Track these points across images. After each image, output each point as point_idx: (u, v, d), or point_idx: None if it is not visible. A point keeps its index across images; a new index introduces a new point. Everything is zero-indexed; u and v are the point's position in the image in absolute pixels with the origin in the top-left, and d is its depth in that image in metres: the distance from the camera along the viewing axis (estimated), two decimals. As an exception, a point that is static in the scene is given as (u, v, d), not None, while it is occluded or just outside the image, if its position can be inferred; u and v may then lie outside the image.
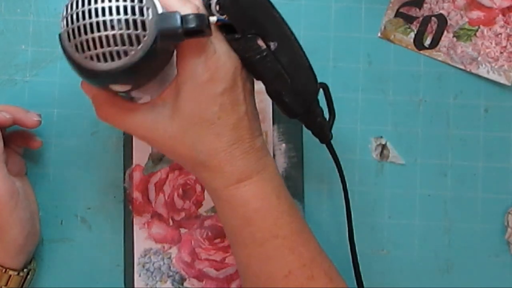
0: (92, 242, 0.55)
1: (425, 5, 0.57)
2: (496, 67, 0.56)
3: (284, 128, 0.56)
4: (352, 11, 0.57)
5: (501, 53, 0.56)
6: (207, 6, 0.42)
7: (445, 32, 0.56)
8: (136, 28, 0.38)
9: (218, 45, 0.42)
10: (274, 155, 0.55)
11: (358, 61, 0.56)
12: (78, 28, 0.37)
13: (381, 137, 0.56)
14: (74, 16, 0.38)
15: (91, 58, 0.38)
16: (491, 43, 0.56)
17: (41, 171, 0.55)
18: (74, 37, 0.38)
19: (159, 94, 0.43)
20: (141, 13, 0.38)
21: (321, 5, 0.57)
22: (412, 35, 0.57)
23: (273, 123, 0.56)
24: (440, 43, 0.56)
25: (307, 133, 0.55)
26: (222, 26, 0.42)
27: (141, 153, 0.55)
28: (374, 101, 0.56)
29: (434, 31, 0.56)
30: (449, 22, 0.56)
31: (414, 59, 0.56)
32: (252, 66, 0.44)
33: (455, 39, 0.56)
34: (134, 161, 0.56)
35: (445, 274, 0.55)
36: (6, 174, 0.49)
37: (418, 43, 0.57)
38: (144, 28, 0.38)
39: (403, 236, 0.55)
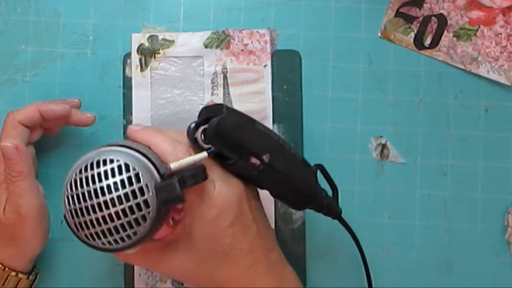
0: (92, 242, 0.55)
1: (425, 5, 0.57)
2: (496, 67, 0.56)
3: (284, 128, 0.56)
4: (352, 11, 0.57)
5: (501, 53, 0.56)
6: (194, 140, 0.43)
7: (445, 32, 0.56)
8: (140, 209, 0.38)
9: (216, 178, 0.42)
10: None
11: (358, 61, 0.56)
12: (84, 222, 0.38)
13: (381, 136, 0.56)
14: (78, 211, 0.39)
15: (102, 244, 0.39)
16: (491, 43, 0.56)
17: (41, 171, 0.55)
18: (82, 229, 0.39)
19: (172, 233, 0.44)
20: (142, 193, 0.38)
21: (321, 5, 0.57)
22: (412, 35, 0.57)
23: (273, 123, 0.56)
24: (440, 43, 0.56)
25: (307, 133, 0.56)
26: (215, 155, 0.42)
27: (141, 153, 0.55)
28: (374, 101, 0.56)
29: (434, 31, 0.56)
30: (449, 22, 0.56)
31: (414, 59, 0.56)
32: (253, 181, 0.44)
33: (455, 39, 0.56)
34: (134, 161, 0.55)
35: (445, 274, 0.55)
36: (37, 187, 0.50)
37: (418, 43, 0.57)
38: (147, 206, 0.38)
39: (403, 236, 0.55)
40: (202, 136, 0.42)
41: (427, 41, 0.56)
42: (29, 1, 0.57)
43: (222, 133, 0.41)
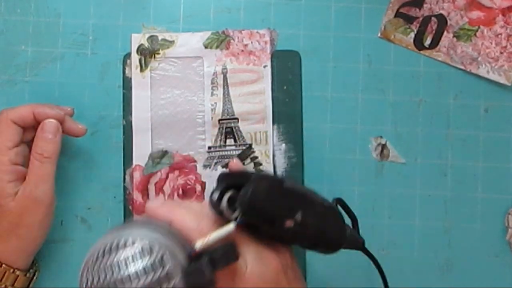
0: (92, 242, 0.55)
1: (425, 5, 0.57)
2: (496, 67, 0.56)
3: (284, 128, 0.56)
4: (352, 11, 0.57)
5: (501, 53, 0.56)
6: (219, 211, 0.39)
7: (445, 32, 0.56)
8: None
9: (247, 254, 0.39)
10: (274, 155, 0.55)
11: (358, 61, 0.56)
12: None
13: (381, 137, 0.56)
14: None
15: None
16: (491, 43, 0.56)
17: (41, 171, 0.56)
18: None
19: None
20: (168, 279, 0.34)
21: (321, 5, 0.57)
22: (412, 35, 0.57)
23: (273, 123, 0.56)
24: (440, 43, 0.56)
25: (307, 133, 0.56)
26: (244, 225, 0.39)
27: (141, 153, 0.55)
28: (374, 101, 0.56)
29: (434, 31, 0.56)
30: (449, 22, 0.56)
31: (414, 59, 0.57)
32: (286, 242, 0.42)
33: (455, 39, 0.56)
34: (134, 161, 0.56)
35: (445, 274, 0.55)
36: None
37: (418, 43, 0.57)
38: None
39: (403, 236, 0.55)
40: (227, 205, 0.39)
41: (427, 41, 0.56)
42: (29, 1, 0.57)
43: (256, 205, 0.38)
